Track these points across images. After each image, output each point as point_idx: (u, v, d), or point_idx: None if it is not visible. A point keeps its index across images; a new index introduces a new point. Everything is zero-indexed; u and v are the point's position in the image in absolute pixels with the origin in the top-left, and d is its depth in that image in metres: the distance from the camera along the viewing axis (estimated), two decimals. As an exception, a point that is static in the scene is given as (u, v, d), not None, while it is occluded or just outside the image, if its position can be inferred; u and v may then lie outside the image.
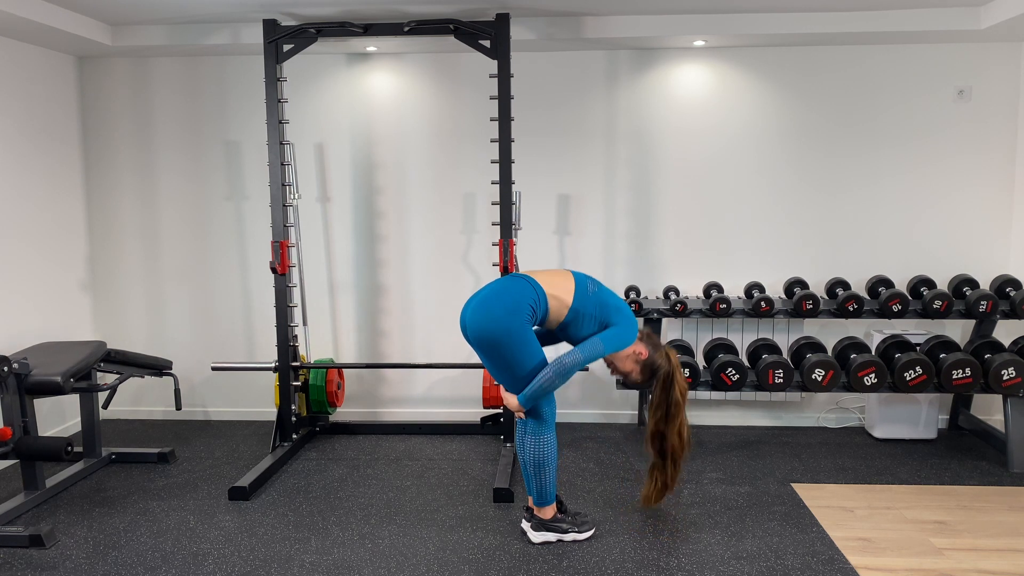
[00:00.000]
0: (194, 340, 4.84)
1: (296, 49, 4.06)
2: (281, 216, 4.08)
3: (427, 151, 4.64)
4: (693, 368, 3.91)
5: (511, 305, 2.87)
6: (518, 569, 2.86)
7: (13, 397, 3.35)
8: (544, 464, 3.00)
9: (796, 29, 4.13)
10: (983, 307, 4.00)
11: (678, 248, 4.62)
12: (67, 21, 4.01)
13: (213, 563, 2.93)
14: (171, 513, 3.41)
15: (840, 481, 3.71)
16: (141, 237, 4.79)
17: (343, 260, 4.74)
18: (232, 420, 4.88)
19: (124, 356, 3.88)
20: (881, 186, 4.51)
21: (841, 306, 4.10)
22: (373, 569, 2.87)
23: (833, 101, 4.48)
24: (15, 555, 3.01)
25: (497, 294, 2.93)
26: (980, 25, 4.04)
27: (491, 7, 3.95)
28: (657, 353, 3.08)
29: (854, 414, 4.64)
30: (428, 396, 4.80)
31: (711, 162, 4.56)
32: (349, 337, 4.78)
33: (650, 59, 4.52)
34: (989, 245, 4.51)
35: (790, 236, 4.58)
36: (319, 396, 4.37)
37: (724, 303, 4.15)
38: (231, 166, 4.72)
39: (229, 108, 4.67)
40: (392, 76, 4.61)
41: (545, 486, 3.04)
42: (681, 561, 2.91)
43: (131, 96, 4.71)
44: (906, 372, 3.78)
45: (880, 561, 2.90)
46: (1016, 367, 3.73)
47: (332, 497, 3.58)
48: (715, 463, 3.98)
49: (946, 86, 4.43)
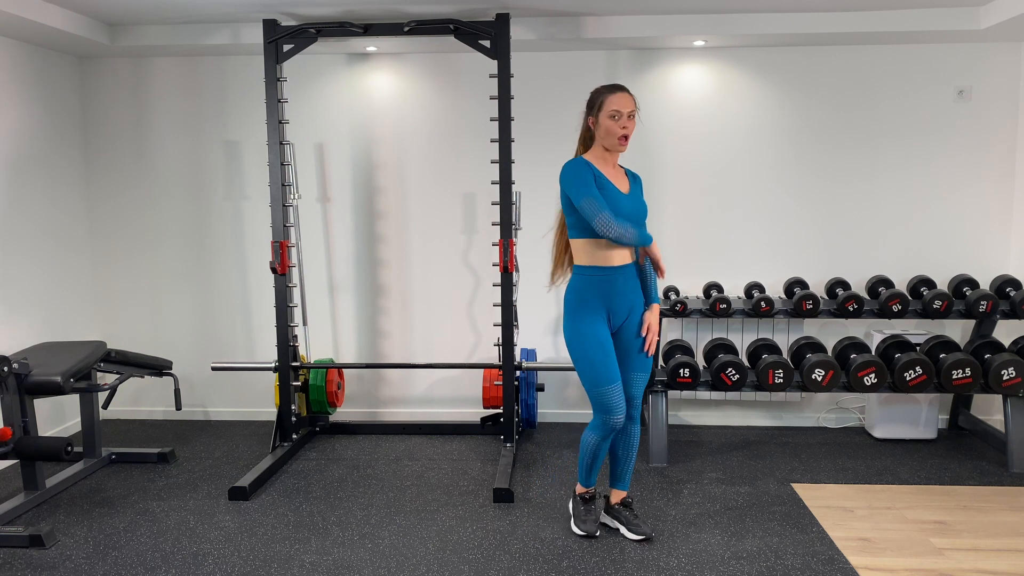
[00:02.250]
0: (194, 340, 4.84)
1: (296, 49, 4.06)
2: (281, 216, 4.08)
3: (427, 151, 4.64)
4: (693, 368, 3.91)
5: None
6: (518, 569, 2.86)
7: (13, 397, 3.35)
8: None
9: (796, 29, 4.13)
10: (983, 307, 4.00)
11: (678, 248, 4.62)
12: (67, 21, 4.01)
13: (213, 563, 2.93)
14: (171, 513, 3.41)
15: (840, 481, 3.71)
16: (141, 237, 4.79)
17: (343, 260, 4.74)
18: (232, 420, 4.88)
19: (124, 356, 3.88)
20: (881, 186, 4.51)
21: (841, 306, 4.10)
22: (373, 569, 2.87)
23: (833, 101, 4.48)
24: (15, 555, 3.01)
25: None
26: (980, 25, 4.04)
27: (491, 7, 3.95)
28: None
29: (854, 414, 4.64)
30: (428, 396, 4.80)
31: (711, 162, 4.56)
32: (349, 337, 4.79)
33: (650, 59, 4.52)
34: (989, 245, 4.51)
35: (790, 236, 4.58)
36: (319, 396, 4.37)
37: (724, 303, 4.15)
38: (231, 166, 4.72)
39: (229, 108, 4.67)
40: (392, 76, 4.61)
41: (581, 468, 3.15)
42: (681, 561, 2.91)
43: (131, 96, 4.71)
44: (906, 372, 3.79)
45: (880, 561, 2.90)
46: (1016, 367, 3.74)
47: (332, 497, 3.58)
48: (715, 463, 3.98)
49: (946, 86, 4.43)
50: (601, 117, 2.89)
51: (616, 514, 3.17)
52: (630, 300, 2.98)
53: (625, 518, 3.13)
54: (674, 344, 4.35)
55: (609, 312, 2.96)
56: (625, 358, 3.02)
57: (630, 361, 3.02)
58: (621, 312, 2.97)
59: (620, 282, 2.94)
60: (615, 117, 2.86)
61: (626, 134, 2.89)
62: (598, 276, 2.93)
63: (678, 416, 4.69)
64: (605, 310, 2.95)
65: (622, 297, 2.95)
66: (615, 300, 2.95)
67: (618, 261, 2.94)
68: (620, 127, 2.87)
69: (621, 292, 2.95)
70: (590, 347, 2.91)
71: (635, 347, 3.00)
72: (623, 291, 2.95)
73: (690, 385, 3.92)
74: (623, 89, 2.91)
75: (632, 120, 2.89)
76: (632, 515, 3.13)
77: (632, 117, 2.88)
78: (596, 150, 2.98)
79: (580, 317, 2.94)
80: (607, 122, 2.88)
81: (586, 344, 2.92)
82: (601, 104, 2.90)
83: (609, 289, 2.94)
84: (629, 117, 2.87)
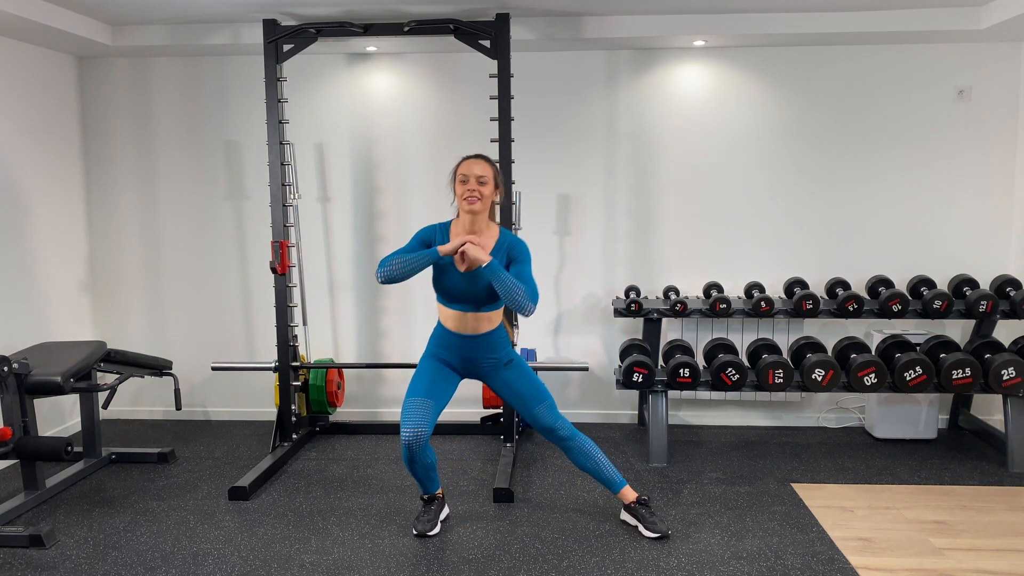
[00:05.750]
0: (194, 340, 4.84)
1: (296, 49, 4.06)
2: (281, 216, 4.08)
3: (427, 151, 4.64)
4: (693, 368, 3.91)
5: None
6: (518, 569, 2.86)
7: (13, 397, 3.35)
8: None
9: (796, 29, 4.13)
10: (983, 307, 4.00)
11: (678, 248, 4.62)
12: (67, 21, 4.01)
13: (213, 563, 2.93)
14: (171, 513, 3.41)
15: (840, 481, 3.71)
16: (141, 237, 4.80)
17: (343, 260, 4.74)
18: (232, 420, 4.88)
19: (124, 356, 3.88)
20: (881, 186, 4.51)
21: (841, 306, 4.10)
22: (373, 569, 2.87)
23: (833, 101, 4.48)
24: (15, 555, 3.01)
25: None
26: (980, 25, 4.04)
27: (491, 7, 3.95)
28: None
29: (854, 414, 4.64)
30: (428, 396, 4.79)
31: (711, 162, 4.56)
32: (349, 337, 4.78)
33: (650, 59, 4.52)
34: (989, 245, 4.51)
35: (790, 236, 4.58)
36: (319, 396, 4.37)
37: (724, 303, 4.15)
38: (231, 166, 4.72)
39: (229, 108, 4.67)
40: (392, 76, 4.61)
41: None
42: (681, 561, 2.91)
43: (131, 96, 4.71)
44: (906, 372, 3.79)
45: (880, 561, 2.90)
46: (1016, 367, 3.74)
47: (332, 497, 3.58)
48: (715, 463, 3.98)
49: (946, 86, 4.43)
50: (456, 184, 3.03)
51: (633, 512, 3.20)
52: (481, 360, 3.13)
53: (642, 516, 3.16)
54: (674, 344, 4.35)
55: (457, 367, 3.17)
56: (514, 400, 3.15)
57: (520, 400, 3.13)
58: (472, 371, 3.18)
59: (465, 348, 3.10)
60: (464, 181, 2.99)
61: (472, 196, 2.96)
62: (444, 334, 3.13)
63: (678, 416, 4.69)
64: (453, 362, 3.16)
65: (469, 363, 3.14)
66: (459, 362, 3.15)
67: (455, 327, 3.08)
68: (468, 190, 2.97)
69: (466, 358, 3.13)
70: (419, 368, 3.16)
71: (515, 387, 3.14)
72: (468, 357, 3.12)
73: (690, 385, 3.92)
74: (477, 156, 3.05)
75: (484, 184, 2.97)
76: (649, 513, 3.16)
77: (484, 182, 2.98)
78: (460, 215, 3.08)
79: (424, 353, 3.21)
80: (458, 187, 3.01)
81: (418, 367, 3.17)
82: (455, 170, 3.04)
83: (453, 352, 3.13)
84: (479, 182, 2.97)
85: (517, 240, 3.04)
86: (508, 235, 3.05)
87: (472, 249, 2.85)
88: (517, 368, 3.15)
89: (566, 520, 3.29)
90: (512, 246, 3.01)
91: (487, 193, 2.97)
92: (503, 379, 3.13)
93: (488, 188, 2.97)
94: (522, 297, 2.83)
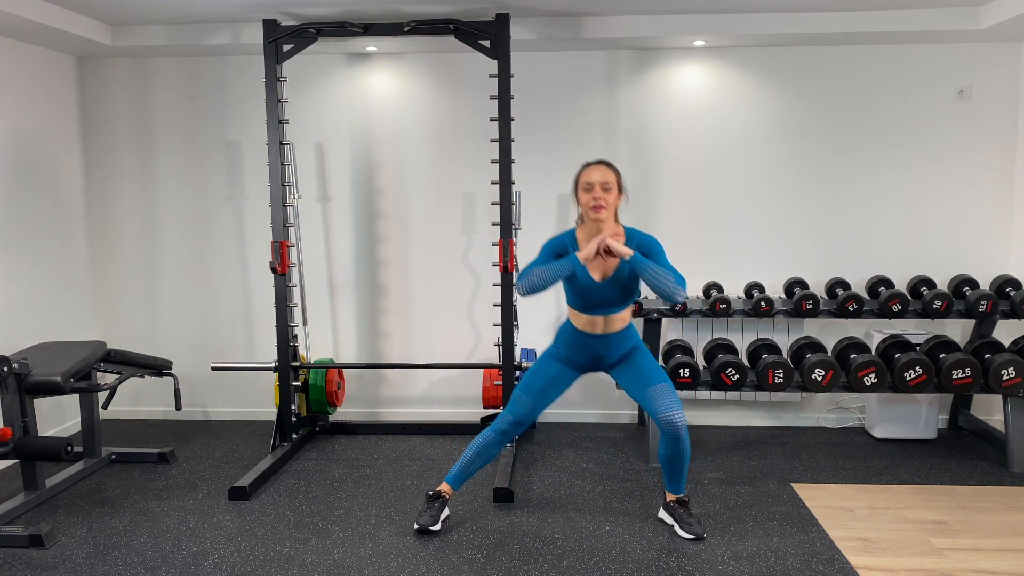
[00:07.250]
0: (194, 340, 4.84)
1: (296, 49, 4.06)
2: (281, 216, 4.08)
3: (427, 151, 4.64)
4: (693, 368, 3.91)
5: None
6: (518, 569, 2.86)
7: (13, 397, 3.35)
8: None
9: (796, 29, 4.13)
10: (983, 307, 4.00)
11: (678, 248, 4.62)
12: (67, 21, 4.01)
13: (213, 563, 2.93)
14: (171, 513, 3.41)
15: (840, 481, 3.71)
16: (141, 237, 4.80)
17: (343, 260, 4.74)
18: (232, 420, 4.88)
19: (124, 356, 3.88)
20: (881, 186, 4.51)
21: (841, 306, 4.10)
22: (373, 569, 2.87)
23: (833, 101, 4.48)
24: (15, 555, 3.01)
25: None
26: (980, 25, 4.04)
27: (491, 7, 3.95)
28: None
29: (854, 414, 4.64)
30: (428, 396, 4.80)
31: (711, 162, 4.56)
32: (349, 337, 4.79)
33: (650, 59, 4.52)
34: (989, 245, 4.51)
35: (790, 236, 4.58)
36: (319, 396, 4.37)
37: (724, 303, 4.15)
38: (231, 166, 4.72)
39: (229, 108, 4.67)
40: (392, 76, 4.61)
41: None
42: (681, 561, 2.91)
43: (131, 96, 4.71)
44: (906, 372, 3.79)
45: (880, 561, 2.90)
46: (1016, 367, 3.74)
47: (332, 497, 3.58)
48: (715, 463, 3.98)
49: (946, 86, 4.43)
50: (579, 192, 3.03)
51: (671, 511, 3.22)
52: (611, 356, 3.16)
53: (679, 516, 3.17)
54: (674, 344, 4.35)
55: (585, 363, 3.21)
56: (638, 383, 3.12)
57: (645, 381, 3.11)
58: (600, 366, 3.21)
59: (599, 347, 3.13)
60: (588, 189, 2.99)
61: (598, 204, 2.96)
62: (577, 336, 3.15)
63: (678, 416, 4.69)
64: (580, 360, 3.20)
65: (599, 359, 3.18)
66: (590, 359, 3.19)
67: (592, 330, 3.10)
68: (593, 198, 2.97)
69: (599, 356, 3.16)
70: (537, 365, 3.25)
71: (642, 374, 3.12)
72: (600, 355, 3.16)
73: (690, 385, 3.92)
74: (599, 162, 3.04)
75: (608, 191, 2.97)
76: (687, 513, 3.16)
77: (608, 188, 2.96)
78: (585, 222, 3.10)
79: (548, 352, 3.26)
80: (582, 195, 3.01)
81: (537, 364, 3.26)
82: (577, 179, 3.05)
83: (585, 352, 3.16)
84: (604, 188, 2.96)
85: (646, 236, 3.04)
86: (636, 233, 3.04)
87: (613, 243, 2.88)
88: (641, 353, 3.16)
89: (566, 520, 3.29)
90: (642, 242, 3.01)
91: (612, 200, 2.98)
92: (631, 365, 3.14)
93: (612, 195, 2.98)
94: (672, 283, 2.84)
